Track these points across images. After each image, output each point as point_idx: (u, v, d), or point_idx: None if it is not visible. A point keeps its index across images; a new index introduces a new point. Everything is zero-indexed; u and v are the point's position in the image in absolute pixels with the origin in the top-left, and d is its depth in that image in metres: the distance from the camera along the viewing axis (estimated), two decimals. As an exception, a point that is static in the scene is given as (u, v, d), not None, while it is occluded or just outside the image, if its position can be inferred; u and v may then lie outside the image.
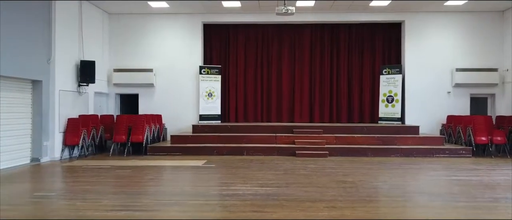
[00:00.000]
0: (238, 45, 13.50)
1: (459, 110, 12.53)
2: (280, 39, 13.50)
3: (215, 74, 12.97)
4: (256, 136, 11.28)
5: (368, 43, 13.39)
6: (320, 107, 13.43)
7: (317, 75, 13.44)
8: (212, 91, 12.92)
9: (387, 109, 12.97)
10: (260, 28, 13.44)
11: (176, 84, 13.01)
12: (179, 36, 13.11)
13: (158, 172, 8.17)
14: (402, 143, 11.04)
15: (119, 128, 10.94)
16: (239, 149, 10.72)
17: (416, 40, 12.76)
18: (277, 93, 13.49)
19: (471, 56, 12.60)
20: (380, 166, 8.83)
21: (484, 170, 8.34)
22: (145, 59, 13.04)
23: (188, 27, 13.08)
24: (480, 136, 10.60)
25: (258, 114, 13.46)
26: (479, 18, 12.57)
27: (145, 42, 13.10)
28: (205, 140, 11.26)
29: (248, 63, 13.50)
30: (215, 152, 10.71)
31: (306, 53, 13.46)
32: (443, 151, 10.56)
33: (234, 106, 13.42)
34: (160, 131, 12.30)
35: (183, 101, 12.99)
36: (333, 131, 11.66)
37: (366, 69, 13.40)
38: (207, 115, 12.86)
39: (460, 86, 12.55)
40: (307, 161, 9.62)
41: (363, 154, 10.57)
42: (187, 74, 13.02)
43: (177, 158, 10.09)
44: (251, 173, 7.84)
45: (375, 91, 13.33)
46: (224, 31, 13.51)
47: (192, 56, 13.05)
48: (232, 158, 10.06)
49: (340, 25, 13.31)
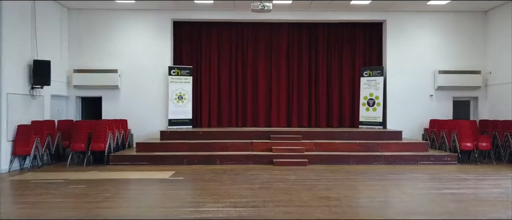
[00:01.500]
0: (211, 44, 12.59)
1: (442, 114, 12.05)
2: (256, 38, 12.68)
3: (186, 76, 12.02)
4: (230, 143, 10.41)
5: (348, 44, 12.75)
6: (299, 111, 12.69)
7: (295, 76, 12.70)
8: (182, 93, 11.96)
9: (368, 113, 12.36)
10: (235, 26, 12.58)
11: (143, 86, 11.99)
12: (147, 34, 12.09)
13: (117, 188, 7.18)
14: (385, 149, 10.42)
15: (78, 135, 9.84)
16: (211, 158, 9.83)
17: (398, 41, 12.20)
18: (253, 96, 12.67)
19: (454, 58, 12.15)
20: (364, 177, 8.14)
21: (475, 180, 7.78)
22: (109, 59, 11.96)
23: (156, 25, 12.07)
24: (465, 142, 10.09)
25: (232, 119, 12.59)
26: (462, 19, 12.13)
27: (109, 40, 12.01)
28: (174, 148, 10.31)
29: (222, 64, 12.61)
30: (185, 161, 9.78)
31: (283, 54, 12.69)
32: (427, 158, 9.99)
33: (206, 110, 12.50)
34: (125, 137, 11.26)
35: (151, 105, 11.98)
36: (313, 137, 10.94)
37: (346, 71, 12.76)
38: (177, 119, 11.89)
39: (443, 89, 12.07)
40: (286, 171, 8.83)
41: (344, 161, 9.89)
42: (156, 75, 12.01)
43: (142, 169, 9.11)
44: (224, 188, 6.97)
45: (356, 94, 12.70)
46: (196, 29, 12.57)
47: (161, 56, 12.06)
48: (203, 169, 9.16)
49: (319, 24, 12.61)
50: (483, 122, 11.45)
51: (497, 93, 11.57)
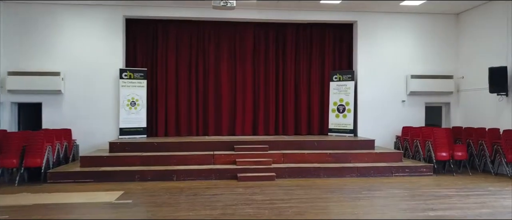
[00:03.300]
0: (169, 44, 11.40)
1: (414, 120, 11.50)
2: (218, 39, 11.62)
3: (140, 79, 10.78)
4: (189, 156, 9.30)
5: (317, 46, 11.95)
6: (265, 117, 11.75)
7: (262, 80, 11.75)
8: (135, 99, 10.72)
9: (338, 120, 11.62)
10: (195, 25, 11.46)
11: (91, 91, 10.64)
12: (95, 33, 10.74)
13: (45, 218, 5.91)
14: (358, 160, 9.68)
15: (8, 149, 8.40)
16: (167, 173, 8.68)
17: (369, 43, 11.54)
18: (216, 102, 11.60)
19: (427, 62, 11.63)
20: (338, 195, 7.30)
21: (458, 197, 7.12)
22: (50, 60, 10.52)
23: (106, 22, 10.76)
24: (440, 152, 9.52)
25: (192, 127, 11.45)
26: (434, 21, 11.62)
27: (51, 38, 10.56)
28: (124, 162, 9.07)
29: (180, 66, 11.45)
30: (136, 178, 8.58)
31: (249, 56, 11.71)
32: (402, 169, 9.33)
33: (163, 118, 11.29)
34: (69, 150, 9.87)
35: (99, 112, 10.64)
36: (280, 146, 10.04)
37: (315, 75, 11.96)
38: (129, 128, 10.63)
39: (415, 94, 11.53)
40: (252, 187, 7.85)
41: (315, 174, 9.04)
42: (105, 79, 10.69)
43: (86, 188, 7.84)
44: (179, 216, 5.88)
45: (325, 99, 11.93)
46: (152, 28, 11.35)
47: (111, 57, 10.75)
48: (157, 186, 8.01)
49: (287, 24, 11.73)
50: (456, 129, 10.97)
51: (469, 98, 11.16)
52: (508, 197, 7.17)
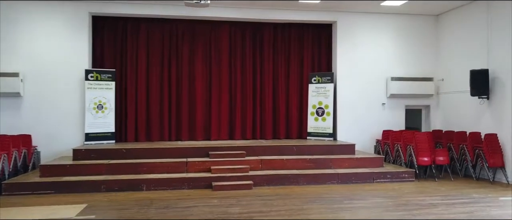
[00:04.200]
0: (139, 43, 10.72)
1: (394, 123, 11.25)
2: (193, 38, 11.01)
3: (107, 80, 10.07)
4: (161, 163, 8.69)
5: (295, 47, 11.52)
6: (242, 121, 11.23)
7: (239, 82, 11.22)
8: (103, 102, 10.01)
9: (317, 123, 11.24)
10: (168, 23, 10.83)
11: (53, 93, 9.85)
12: (59, 30, 9.96)
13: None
14: (338, 165, 9.31)
15: (-43, 159, 7.60)
16: (136, 183, 8.05)
17: (349, 45, 11.19)
18: (190, 104, 11.00)
19: (407, 64, 11.39)
20: (320, 205, 6.88)
21: (444, 206, 6.81)
22: (8, 60, 9.67)
23: (71, 19, 9.99)
24: (422, 157, 9.27)
25: (165, 132, 10.80)
26: (415, 22, 11.39)
27: (9, 35, 9.71)
28: (89, 171, 8.37)
29: (152, 67, 10.79)
30: (102, 188, 7.90)
31: (225, 56, 11.16)
32: (384, 175, 9.01)
33: (133, 122, 10.59)
34: (28, 157, 9.08)
35: (63, 116, 9.87)
36: (258, 152, 9.57)
37: (294, 77, 11.52)
38: (96, 133, 9.91)
39: (395, 97, 11.26)
40: (228, 198, 7.34)
41: (294, 181, 8.62)
42: (69, 80, 9.93)
43: (45, 201, 7.13)
44: (147, 234, 5.32)
45: (304, 102, 11.52)
46: (121, 26, 10.64)
47: (76, 57, 9.99)
48: (125, 198, 7.38)
49: (264, 24, 11.25)
50: (436, 132, 10.78)
51: (449, 101, 10.98)
52: (494, 205, 6.94)
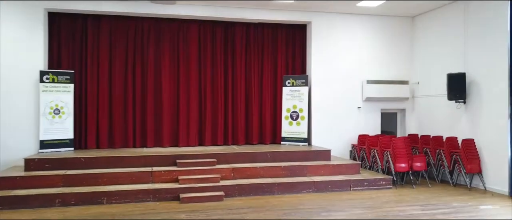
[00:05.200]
0: (101, 43, 9.92)
1: (370, 127, 10.95)
2: (159, 37, 10.30)
3: (65, 83, 9.24)
4: (123, 173, 7.97)
5: (269, 48, 11.02)
6: (213, 125, 10.62)
7: (208, 84, 10.61)
8: (60, 106, 9.17)
9: (291, 128, 10.79)
10: (133, 21, 10.08)
11: (3, 96, 8.92)
12: (10, 28, 9.03)
13: None
14: (314, 173, 8.89)
15: None
16: (96, 196, 7.31)
17: (324, 46, 10.80)
18: (156, 108, 10.29)
19: (383, 67, 11.10)
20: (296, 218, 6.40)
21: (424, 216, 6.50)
22: (-49, 59, 8.71)
23: (24, 16, 9.09)
24: (400, 163, 8.98)
25: (129, 138, 10.04)
26: (391, 24, 11.11)
27: (-49, 33, 8.75)
28: (43, 183, 7.56)
29: (114, 68, 10.01)
30: (57, 203, 7.13)
31: (194, 57, 10.52)
32: (361, 183, 8.65)
33: (94, 127, 9.78)
34: (-27, 168, 8.17)
35: (14, 122, 8.95)
36: (230, 159, 9.01)
37: (267, 79, 11.02)
38: (52, 140, 9.07)
39: (371, 100, 10.97)
40: (196, 212, 6.76)
41: (268, 191, 8.12)
42: (21, 83, 9.03)
43: (-13, 220, 6.33)
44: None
45: (278, 105, 11.04)
46: (80, 24, 9.81)
47: (30, 56, 9.10)
48: (82, 213, 6.67)
49: (236, 23, 10.69)
50: (412, 137, 10.55)
51: (425, 105, 10.78)
52: (474, 214, 6.68)
